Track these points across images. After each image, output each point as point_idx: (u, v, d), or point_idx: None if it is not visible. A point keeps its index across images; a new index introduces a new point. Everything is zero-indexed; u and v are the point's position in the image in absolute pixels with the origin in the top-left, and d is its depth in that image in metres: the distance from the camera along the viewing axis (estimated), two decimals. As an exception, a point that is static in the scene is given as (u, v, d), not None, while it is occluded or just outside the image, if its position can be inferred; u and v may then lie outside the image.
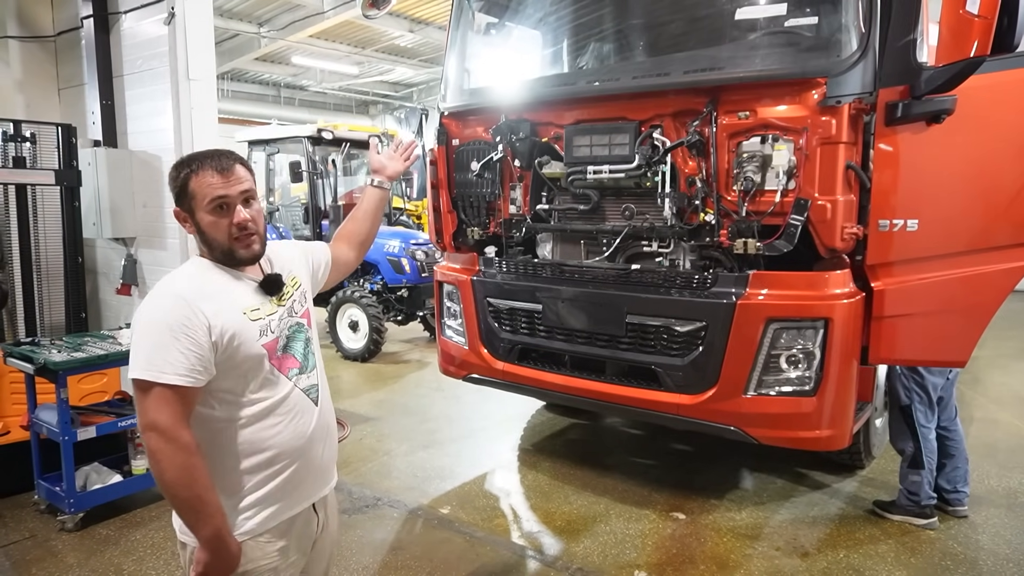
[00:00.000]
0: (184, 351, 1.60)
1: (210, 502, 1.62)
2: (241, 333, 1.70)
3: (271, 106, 19.41)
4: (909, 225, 3.06)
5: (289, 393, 1.80)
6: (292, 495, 1.82)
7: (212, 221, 1.71)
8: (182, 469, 1.58)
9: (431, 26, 13.76)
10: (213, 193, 1.69)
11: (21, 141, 4.80)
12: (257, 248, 1.78)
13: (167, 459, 1.58)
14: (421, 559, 3.46)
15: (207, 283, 1.73)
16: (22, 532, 3.70)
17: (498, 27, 4.57)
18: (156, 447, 1.58)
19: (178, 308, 1.63)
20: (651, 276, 3.55)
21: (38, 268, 5.07)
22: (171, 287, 1.71)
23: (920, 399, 3.61)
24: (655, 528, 3.75)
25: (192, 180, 1.70)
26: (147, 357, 1.59)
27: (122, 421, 3.85)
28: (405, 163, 2.33)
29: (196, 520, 1.62)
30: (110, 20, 5.21)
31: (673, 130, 3.44)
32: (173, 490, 1.60)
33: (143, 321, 1.65)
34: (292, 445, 1.80)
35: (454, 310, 4.40)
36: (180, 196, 1.74)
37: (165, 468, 1.58)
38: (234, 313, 1.71)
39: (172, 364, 1.58)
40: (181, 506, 1.63)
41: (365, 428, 5.37)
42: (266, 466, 1.76)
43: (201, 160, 1.72)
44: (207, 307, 1.65)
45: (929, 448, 3.63)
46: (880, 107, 3.00)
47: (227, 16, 12.78)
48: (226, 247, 1.74)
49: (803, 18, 3.35)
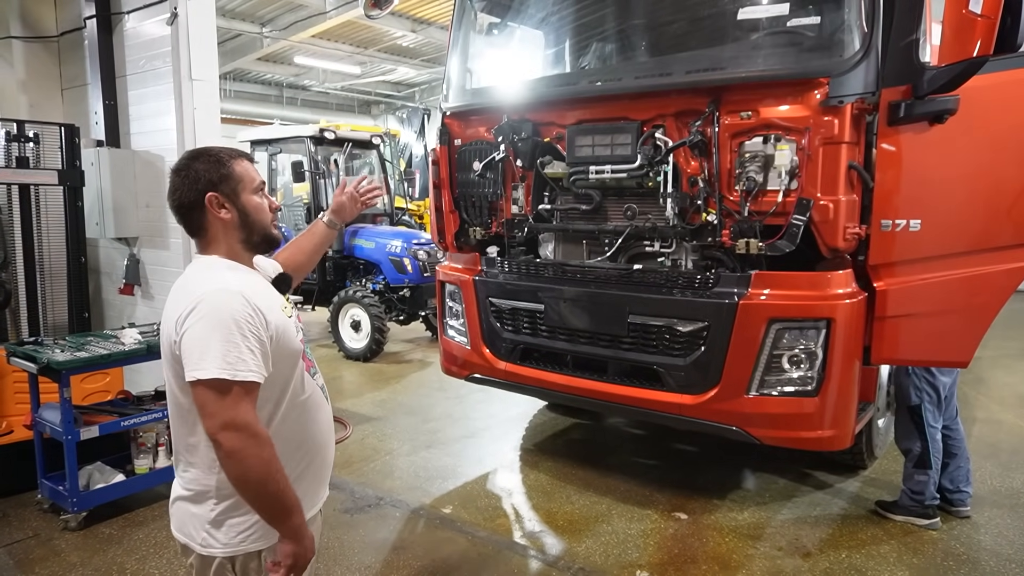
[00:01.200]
0: (253, 348, 1.59)
1: (292, 492, 1.61)
2: (286, 329, 1.72)
3: (274, 106, 19.42)
4: (911, 225, 3.06)
5: (315, 389, 1.85)
6: (318, 491, 1.87)
7: (259, 203, 1.78)
8: (268, 463, 1.56)
9: (433, 26, 13.75)
10: (259, 178, 1.80)
11: (24, 141, 4.80)
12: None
13: (253, 455, 1.54)
14: (423, 559, 3.46)
15: (248, 280, 1.72)
16: (25, 531, 3.71)
17: (500, 27, 4.57)
18: (239, 446, 1.52)
19: (242, 305, 1.60)
20: (653, 276, 3.55)
21: (41, 268, 5.08)
22: (227, 284, 1.64)
23: (930, 399, 3.60)
24: (657, 528, 3.75)
25: (236, 165, 1.76)
26: (221, 355, 1.54)
27: (125, 421, 3.85)
28: (360, 208, 2.29)
29: (283, 512, 1.60)
30: (113, 20, 5.22)
31: (675, 130, 3.44)
32: (262, 487, 1.56)
33: (208, 320, 1.57)
34: (319, 440, 1.85)
35: (456, 310, 4.40)
36: (222, 180, 1.72)
37: (251, 465, 1.54)
38: (278, 310, 1.73)
39: (246, 361, 1.56)
40: (268, 502, 1.59)
41: (367, 428, 5.37)
42: (301, 461, 1.78)
43: (229, 151, 1.79)
44: (261, 303, 1.65)
45: (936, 448, 3.63)
46: (883, 107, 3.00)
47: (230, 16, 12.80)
48: (268, 231, 1.80)
49: (805, 18, 3.35)
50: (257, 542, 1.70)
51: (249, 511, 1.65)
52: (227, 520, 1.69)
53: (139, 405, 4.13)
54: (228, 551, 1.69)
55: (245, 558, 1.70)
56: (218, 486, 1.68)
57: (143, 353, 3.91)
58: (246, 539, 1.69)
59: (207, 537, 1.70)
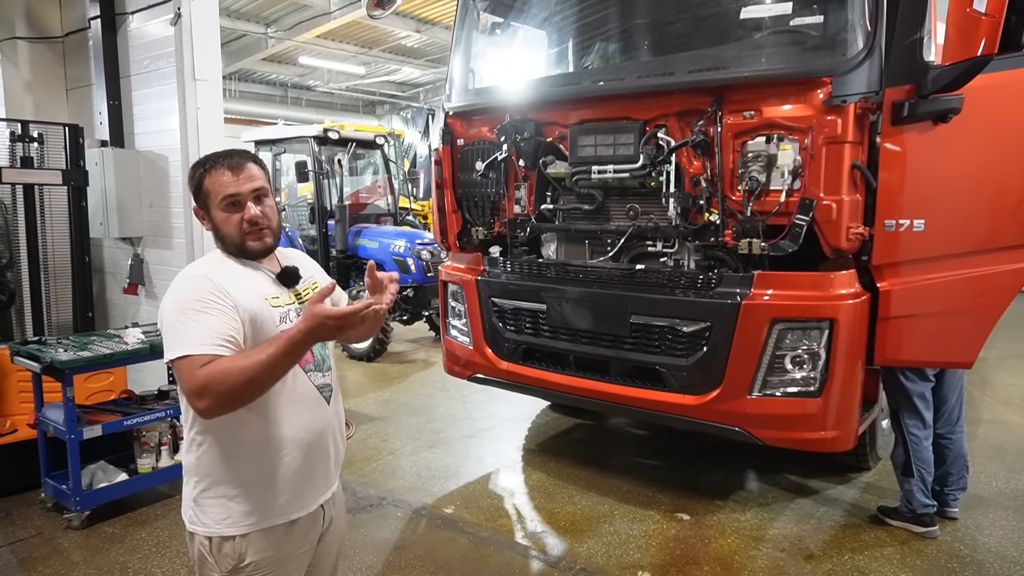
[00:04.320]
0: (217, 320, 1.63)
1: (256, 351, 1.58)
2: (262, 316, 1.74)
3: (278, 106, 19.48)
4: (915, 225, 3.05)
5: (303, 385, 1.81)
6: (304, 490, 1.82)
7: (224, 217, 1.77)
8: (234, 379, 1.54)
9: (437, 26, 13.76)
10: (224, 191, 1.76)
11: (29, 141, 4.82)
12: (269, 241, 1.83)
13: (224, 395, 1.55)
14: (425, 559, 3.46)
15: (228, 269, 1.78)
16: (29, 530, 3.72)
17: (503, 27, 4.57)
18: (210, 403, 1.56)
19: (203, 285, 1.68)
20: (655, 276, 3.54)
21: (45, 267, 5.10)
22: (192, 270, 1.77)
23: (907, 407, 3.52)
24: (659, 529, 3.74)
25: (206, 179, 1.77)
26: (177, 337, 1.62)
27: (128, 420, 3.86)
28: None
29: (285, 348, 1.55)
30: (117, 21, 5.23)
31: (678, 130, 3.43)
32: (251, 383, 1.57)
33: (170, 307, 1.68)
34: (303, 439, 1.81)
35: (459, 310, 4.40)
36: (196, 194, 1.80)
37: (230, 396, 1.56)
38: (256, 297, 1.75)
39: (206, 335, 1.61)
40: (263, 375, 1.57)
41: (370, 427, 5.38)
42: (277, 456, 1.77)
43: (215, 160, 1.78)
44: (230, 288, 1.70)
45: (920, 457, 3.52)
46: (886, 106, 2.99)
47: (234, 16, 12.83)
48: (237, 241, 1.79)
49: (808, 17, 3.33)
50: (231, 528, 1.74)
51: (223, 496, 1.73)
52: (204, 501, 1.76)
53: (142, 404, 4.14)
54: (206, 531, 1.75)
55: (220, 540, 1.74)
56: (196, 466, 1.77)
57: (146, 353, 3.92)
58: (221, 523, 1.74)
59: (192, 515, 1.78)
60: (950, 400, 3.62)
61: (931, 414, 3.57)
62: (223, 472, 1.74)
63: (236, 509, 1.73)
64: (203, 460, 1.75)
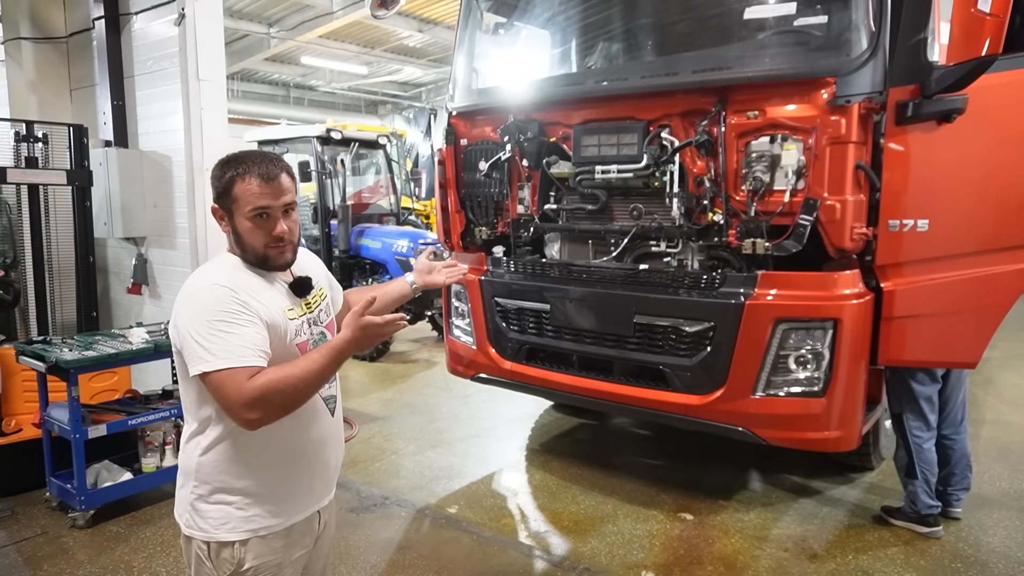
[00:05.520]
0: (250, 331, 1.62)
1: (305, 361, 1.61)
2: (281, 328, 1.73)
3: (281, 106, 19.48)
4: (919, 225, 3.04)
5: (314, 398, 1.80)
6: (304, 498, 1.84)
7: (250, 228, 1.72)
8: (289, 386, 1.57)
9: (440, 26, 13.77)
10: (257, 202, 1.70)
11: (33, 141, 4.84)
12: (290, 257, 1.80)
13: (278, 403, 1.58)
14: (428, 558, 3.47)
15: (245, 279, 1.74)
16: (34, 529, 3.73)
17: (506, 27, 4.57)
18: (261, 414, 1.57)
19: (226, 295, 1.64)
20: (659, 276, 3.54)
21: (50, 267, 5.12)
22: (210, 278, 1.70)
23: (912, 409, 3.52)
24: (663, 528, 3.74)
25: (238, 183, 1.70)
26: (221, 348, 1.58)
27: (132, 419, 3.87)
28: (444, 281, 2.31)
29: (333, 357, 1.61)
30: (121, 21, 5.25)
31: (681, 130, 3.43)
32: (304, 390, 1.60)
33: (194, 317, 1.63)
34: (308, 449, 1.82)
35: (462, 310, 4.40)
36: (222, 195, 1.73)
37: (284, 403, 1.59)
38: (275, 309, 1.74)
39: (245, 346, 1.60)
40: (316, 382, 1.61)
41: (373, 427, 5.38)
42: (281, 466, 1.78)
43: (249, 164, 1.71)
44: (251, 300, 1.68)
45: (923, 459, 3.52)
46: (890, 106, 2.98)
47: (237, 17, 12.84)
48: (260, 254, 1.75)
49: (812, 17, 3.33)
50: (231, 533, 1.73)
51: (224, 502, 1.72)
52: (203, 505, 1.75)
53: (146, 404, 4.15)
54: (205, 536, 1.74)
55: (219, 546, 1.73)
56: (197, 470, 1.75)
57: (150, 352, 3.93)
58: (220, 528, 1.73)
59: (189, 519, 1.77)
60: (954, 400, 3.61)
61: (935, 417, 3.56)
62: (226, 479, 1.73)
63: (236, 515, 1.73)
64: (206, 465, 1.74)
